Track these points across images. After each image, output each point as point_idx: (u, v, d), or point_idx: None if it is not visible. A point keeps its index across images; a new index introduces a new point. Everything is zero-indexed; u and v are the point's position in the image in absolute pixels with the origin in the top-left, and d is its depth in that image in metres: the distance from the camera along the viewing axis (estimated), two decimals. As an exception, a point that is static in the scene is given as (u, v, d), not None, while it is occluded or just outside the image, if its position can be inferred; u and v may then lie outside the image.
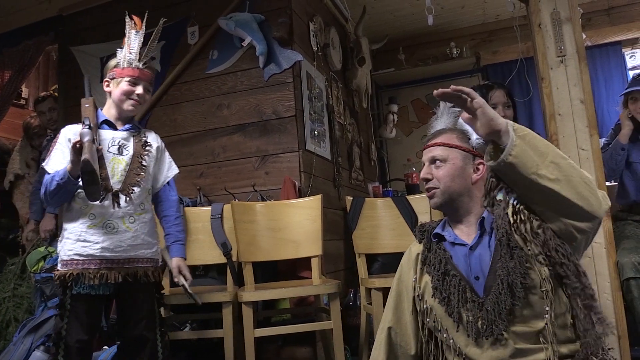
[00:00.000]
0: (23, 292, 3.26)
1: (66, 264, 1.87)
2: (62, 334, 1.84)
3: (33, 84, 5.21)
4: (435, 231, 1.46)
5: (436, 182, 1.42)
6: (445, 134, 1.47)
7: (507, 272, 1.25)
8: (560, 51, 2.52)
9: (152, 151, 2.06)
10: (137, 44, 1.98)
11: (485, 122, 1.21)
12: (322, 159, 3.34)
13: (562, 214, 1.20)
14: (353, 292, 3.21)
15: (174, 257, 2.07)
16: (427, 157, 1.47)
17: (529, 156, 1.18)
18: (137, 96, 1.97)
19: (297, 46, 3.14)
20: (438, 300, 1.33)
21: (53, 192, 1.83)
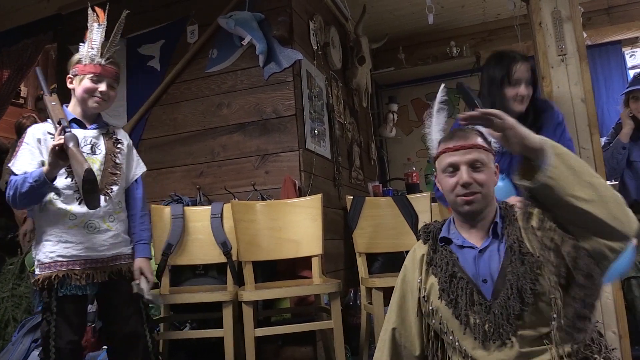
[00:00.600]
0: (22, 292, 3.25)
1: (49, 267, 1.82)
2: (50, 338, 1.80)
3: (32, 83, 5.19)
4: (442, 234, 1.43)
5: (478, 186, 1.34)
6: (476, 135, 1.41)
7: (517, 277, 1.25)
8: (561, 50, 2.52)
9: (124, 149, 2.02)
10: (99, 38, 1.91)
11: (518, 142, 1.20)
12: (322, 158, 3.33)
13: (596, 233, 1.18)
14: (353, 292, 3.20)
15: (137, 258, 2.00)
16: (466, 159, 1.36)
17: (565, 177, 1.16)
18: (100, 93, 1.91)
19: (297, 45, 3.14)
20: (445, 302, 1.32)
21: (24, 194, 1.76)
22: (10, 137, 4.56)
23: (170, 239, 2.65)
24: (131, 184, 2.07)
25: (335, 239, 3.31)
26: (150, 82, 3.36)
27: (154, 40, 3.41)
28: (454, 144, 1.39)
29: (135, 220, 2.05)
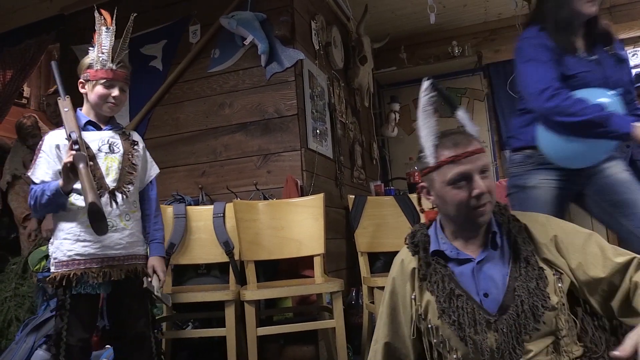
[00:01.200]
0: (25, 292, 3.26)
1: (66, 265, 1.85)
2: (62, 335, 1.83)
3: (35, 84, 5.21)
4: (433, 247, 1.32)
5: (488, 195, 1.23)
6: (474, 138, 1.28)
7: (528, 293, 1.18)
8: (562, 49, 2.51)
9: (140, 150, 2.06)
10: (108, 42, 1.92)
11: None
12: (324, 158, 3.33)
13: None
14: (355, 291, 3.21)
15: (151, 256, 2.05)
16: (477, 166, 1.23)
17: None
18: (113, 99, 1.94)
19: (299, 45, 3.14)
20: (447, 323, 1.23)
21: (44, 205, 1.83)
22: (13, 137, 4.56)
23: (173, 238, 2.66)
24: (146, 185, 2.11)
25: (337, 239, 3.31)
26: (153, 82, 3.37)
27: (156, 40, 3.42)
28: (462, 150, 1.23)
29: (150, 220, 2.09)
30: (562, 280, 1.21)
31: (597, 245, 1.24)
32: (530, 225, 1.30)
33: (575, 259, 1.23)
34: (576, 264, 1.23)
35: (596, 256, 1.22)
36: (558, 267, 1.24)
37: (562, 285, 1.21)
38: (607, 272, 1.20)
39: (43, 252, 3.19)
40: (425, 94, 1.35)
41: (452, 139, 1.27)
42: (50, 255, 1.90)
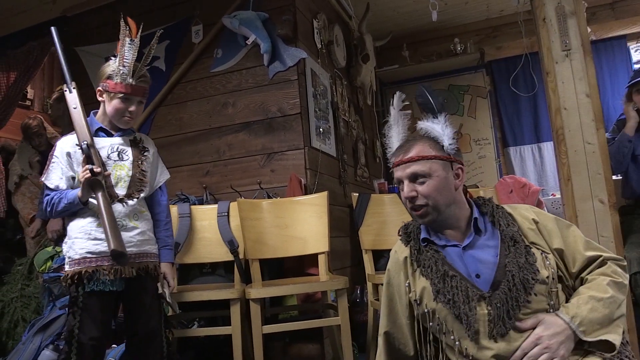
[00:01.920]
0: (31, 292, 3.28)
1: (78, 263, 1.88)
2: (74, 332, 1.85)
3: (38, 85, 5.22)
4: (423, 235, 1.41)
5: (423, 199, 1.35)
6: (418, 145, 1.40)
7: (519, 267, 1.25)
8: (565, 45, 2.52)
9: (150, 156, 2.08)
10: (130, 56, 1.94)
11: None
12: (328, 156, 3.34)
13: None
14: (360, 289, 3.21)
15: (162, 262, 2.08)
16: (406, 173, 1.37)
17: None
18: (129, 113, 1.96)
19: (301, 44, 3.15)
20: (442, 303, 1.29)
21: (60, 211, 1.89)
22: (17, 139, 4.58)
23: (178, 237, 2.67)
24: (155, 190, 2.13)
25: (342, 237, 3.32)
26: (156, 83, 3.36)
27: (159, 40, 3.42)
28: (398, 158, 1.41)
29: (161, 225, 2.12)
30: (548, 258, 1.30)
31: (573, 236, 1.36)
32: (514, 214, 1.39)
33: (557, 244, 1.34)
34: (556, 247, 1.34)
35: (571, 249, 1.34)
36: (542, 247, 1.33)
37: (550, 263, 1.29)
38: (578, 267, 1.33)
39: (49, 253, 3.21)
40: (398, 106, 1.57)
41: (399, 147, 1.45)
42: (64, 254, 1.94)
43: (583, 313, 1.21)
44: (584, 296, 1.25)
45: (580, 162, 2.44)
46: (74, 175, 1.92)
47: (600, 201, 2.40)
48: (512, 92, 4.90)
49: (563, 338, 1.19)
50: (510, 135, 5.04)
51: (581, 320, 1.20)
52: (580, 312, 1.21)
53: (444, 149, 1.40)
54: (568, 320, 1.20)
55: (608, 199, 2.39)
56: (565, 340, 1.19)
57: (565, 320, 1.20)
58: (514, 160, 4.98)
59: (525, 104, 4.97)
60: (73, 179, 1.92)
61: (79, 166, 1.91)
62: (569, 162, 2.47)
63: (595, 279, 1.29)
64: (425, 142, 1.41)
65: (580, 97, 2.48)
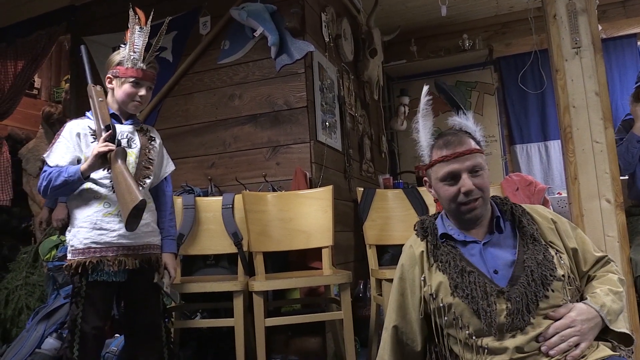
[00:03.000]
0: (35, 281, 3.30)
1: (82, 252, 1.88)
2: (77, 321, 1.86)
3: (46, 75, 5.24)
4: (441, 231, 1.41)
5: (479, 191, 1.34)
6: (467, 139, 1.39)
7: (537, 264, 1.27)
8: (575, 43, 2.50)
9: (156, 146, 2.10)
10: (141, 42, 1.96)
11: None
12: (333, 150, 3.33)
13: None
14: (363, 284, 3.21)
15: (164, 252, 2.08)
16: (465, 166, 1.35)
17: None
18: (140, 97, 1.98)
19: (309, 37, 3.13)
20: (460, 297, 1.29)
21: (57, 186, 1.85)
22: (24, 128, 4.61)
23: (182, 229, 2.67)
24: (161, 181, 2.14)
25: (346, 231, 3.31)
26: (163, 74, 3.35)
27: (166, 31, 3.41)
28: (451, 151, 1.37)
29: (165, 216, 2.13)
30: (562, 258, 1.33)
31: (582, 237, 1.41)
32: (532, 212, 1.42)
33: (572, 244, 1.38)
34: (572, 247, 1.37)
35: (582, 249, 1.39)
36: (558, 247, 1.36)
37: (564, 262, 1.33)
38: (588, 266, 1.39)
39: (53, 242, 3.23)
40: (425, 97, 1.52)
41: (445, 140, 1.40)
42: (68, 243, 1.94)
43: (608, 303, 1.26)
44: (604, 288, 1.30)
45: (588, 161, 2.43)
46: (80, 157, 1.91)
47: (607, 201, 2.39)
48: (520, 89, 4.86)
49: (593, 325, 1.24)
50: (517, 132, 5.02)
51: (608, 310, 1.26)
52: (606, 303, 1.26)
53: (480, 145, 1.41)
54: (598, 309, 1.25)
55: (615, 198, 2.38)
56: (594, 327, 1.24)
57: (596, 308, 1.25)
58: (520, 158, 4.96)
59: (533, 101, 4.94)
60: (78, 161, 1.91)
61: (88, 148, 1.91)
62: (576, 160, 2.45)
63: (604, 275, 1.35)
64: (468, 136, 1.41)
65: (590, 95, 2.46)
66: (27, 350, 2.71)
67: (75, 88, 3.76)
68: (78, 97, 3.66)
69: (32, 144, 3.99)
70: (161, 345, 2.02)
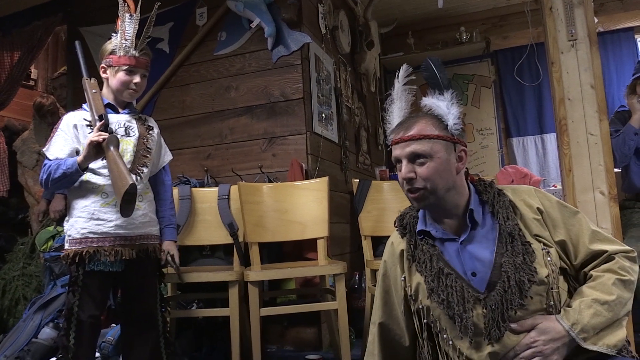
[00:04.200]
0: (32, 271, 3.31)
1: (79, 242, 1.89)
2: (74, 310, 1.87)
3: (42, 65, 5.22)
4: (420, 227, 1.34)
5: (422, 181, 1.25)
6: (420, 123, 1.29)
7: (515, 268, 1.19)
8: (571, 35, 2.50)
9: (155, 135, 2.10)
10: (132, 29, 1.96)
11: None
12: (330, 142, 3.34)
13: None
14: (358, 275, 3.23)
15: (166, 240, 2.11)
16: (405, 152, 1.27)
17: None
18: (135, 85, 1.98)
19: (305, 28, 3.13)
20: (436, 302, 1.24)
21: (57, 179, 1.86)
22: (20, 119, 4.60)
23: (178, 219, 2.67)
24: (159, 170, 2.15)
25: (342, 223, 3.33)
26: (159, 65, 3.37)
27: (163, 22, 3.41)
28: (397, 135, 1.31)
29: (166, 205, 2.14)
30: (550, 253, 1.23)
31: (579, 226, 1.28)
32: (517, 201, 1.31)
33: (559, 235, 1.27)
34: (559, 239, 1.26)
35: (575, 240, 1.27)
36: (546, 240, 1.25)
37: (552, 259, 1.22)
38: (580, 260, 1.26)
39: (50, 233, 3.23)
40: (402, 80, 1.46)
41: (400, 123, 1.35)
42: (65, 233, 1.95)
43: (585, 319, 1.15)
44: (587, 300, 1.18)
45: (582, 153, 2.44)
46: (78, 149, 1.92)
47: (601, 193, 2.40)
48: (517, 82, 4.87)
49: (559, 345, 1.14)
50: (514, 125, 5.02)
51: (582, 327, 1.15)
52: (581, 319, 1.15)
53: (448, 129, 1.30)
54: (568, 328, 1.15)
55: (609, 190, 2.39)
56: (561, 346, 1.15)
57: (565, 327, 1.15)
58: (517, 151, 4.97)
59: (530, 94, 4.95)
60: (77, 153, 1.92)
61: (86, 139, 1.91)
62: (571, 152, 2.46)
63: (600, 276, 1.22)
64: (428, 119, 1.31)
65: (585, 88, 2.47)
66: (24, 339, 2.73)
67: (72, 79, 3.75)
68: (75, 88, 3.65)
69: (26, 135, 3.98)
70: (157, 334, 2.03)
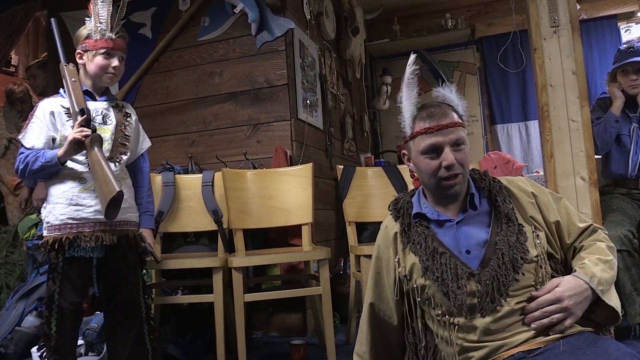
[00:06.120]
0: (15, 260, 3.28)
1: (58, 228, 1.87)
2: (54, 297, 1.85)
3: (22, 51, 5.14)
4: (415, 210, 1.38)
5: (460, 167, 1.29)
6: (450, 111, 1.34)
7: (509, 246, 1.25)
8: (553, 21, 2.51)
9: (132, 122, 2.08)
10: (105, 12, 1.93)
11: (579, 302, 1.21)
12: (314, 129, 3.33)
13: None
14: (343, 261, 3.25)
15: (143, 227, 2.10)
16: (449, 139, 1.29)
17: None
18: (113, 69, 1.95)
19: (290, 14, 3.11)
20: (431, 280, 1.28)
21: (34, 170, 1.85)
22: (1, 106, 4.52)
23: (162, 206, 2.66)
24: (137, 158, 2.13)
25: (327, 209, 3.34)
26: (142, 50, 3.33)
27: (145, 7, 3.37)
28: (435, 122, 1.31)
29: (143, 192, 2.13)
30: (539, 237, 1.29)
31: (565, 208, 1.36)
32: (511, 187, 1.37)
33: (553, 217, 1.34)
34: (554, 220, 1.33)
35: (566, 221, 1.35)
36: (538, 222, 1.32)
37: (540, 242, 1.29)
38: (572, 238, 1.34)
39: (32, 221, 3.20)
40: (411, 67, 1.43)
41: (427, 111, 1.34)
42: (43, 220, 1.92)
43: (598, 273, 1.22)
44: (592, 257, 1.25)
45: (564, 139, 2.46)
46: (55, 137, 1.90)
47: (581, 178, 2.43)
48: (501, 69, 4.90)
49: (582, 298, 1.20)
50: (498, 112, 5.06)
51: (599, 280, 1.21)
52: (596, 272, 1.22)
53: (462, 119, 1.36)
54: (587, 280, 1.20)
55: (589, 176, 2.42)
56: (584, 300, 1.20)
57: (585, 280, 1.20)
58: (501, 137, 5.01)
59: (514, 82, 4.98)
60: (53, 141, 1.90)
61: (63, 126, 1.90)
62: (552, 138, 2.48)
63: (592, 244, 1.31)
64: (452, 109, 1.35)
65: (567, 74, 2.49)
66: (7, 328, 2.71)
67: (52, 64, 3.69)
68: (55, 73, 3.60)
69: None
70: (141, 321, 2.02)
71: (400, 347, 1.42)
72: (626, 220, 2.58)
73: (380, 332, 1.44)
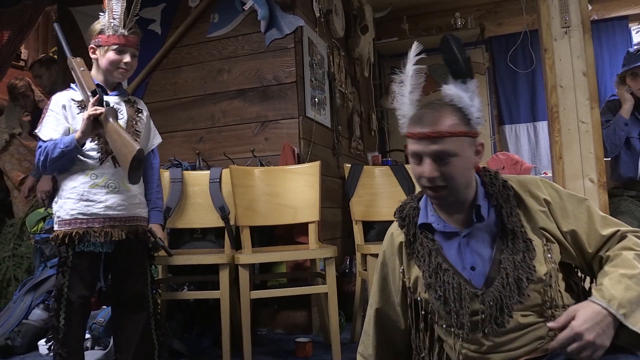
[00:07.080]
0: (22, 253, 3.30)
1: (69, 223, 1.88)
2: (63, 291, 1.87)
3: (32, 46, 5.16)
4: (421, 220, 1.30)
5: (444, 180, 1.18)
6: (446, 117, 1.18)
7: (514, 266, 1.17)
8: (565, 22, 2.51)
9: (144, 118, 2.09)
10: (119, 8, 1.93)
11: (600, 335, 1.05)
12: (322, 127, 3.33)
13: None
14: (349, 260, 3.24)
15: (152, 223, 2.10)
16: (430, 150, 1.17)
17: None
18: (125, 65, 1.96)
19: (299, 11, 3.11)
20: (433, 297, 1.24)
21: (55, 159, 1.85)
22: (8, 99, 4.55)
23: (169, 202, 2.68)
24: (148, 153, 2.13)
25: (334, 208, 3.33)
26: (151, 46, 3.33)
27: (154, 3, 3.38)
28: (419, 129, 1.18)
29: (153, 188, 2.13)
30: (551, 250, 1.20)
31: (588, 213, 1.23)
32: (522, 193, 1.26)
33: (568, 225, 1.22)
34: (568, 230, 1.22)
35: (585, 229, 1.22)
36: (550, 232, 1.22)
37: (552, 256, 1.20)
38: (593, 247, 1.22)
39: (40, 214, 3.22)
40: (417, 52, 1.31)
41: (419, 114, 1.22)
42: (54, 214, 1.94)
43: (619, 294, 1.07)
44: (615, 275, 1.11)
45: (573, 141, 2.45)
46: (70, 127, 1.91)
47: (590, 180, 2.42)
48: (511, 69, 4.87)
49: (604, 327, 1.05)
50: (507, 113, 5.04)
51: (619, 302, 1.06)
52: (616, 294, 1.07)
53: (472, 123, 1.21)
54: (605, 305, 1.06)
55: (598, 178, 2.41)
56: (606, 329, 1.05)
57: (602, 305, 1.06)
58: (509, 138, 4.99)
59: (523, 82, 4.96)
60: (69, 131, 1.90)
61: (74, 119, 1.90)
62: (561, 140, 2.48)
63: (619, 254, 1.16)
64: (453, 113, 1.20)
65: (577, 75, 2.48)
66: (15, 320, 2.73)
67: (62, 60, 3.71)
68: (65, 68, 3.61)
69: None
70: (148, 316, 2.03)
71: (407, 350, 1.40)
72: (635, 223, 2.56)
73: (386, 337, 1.41)
